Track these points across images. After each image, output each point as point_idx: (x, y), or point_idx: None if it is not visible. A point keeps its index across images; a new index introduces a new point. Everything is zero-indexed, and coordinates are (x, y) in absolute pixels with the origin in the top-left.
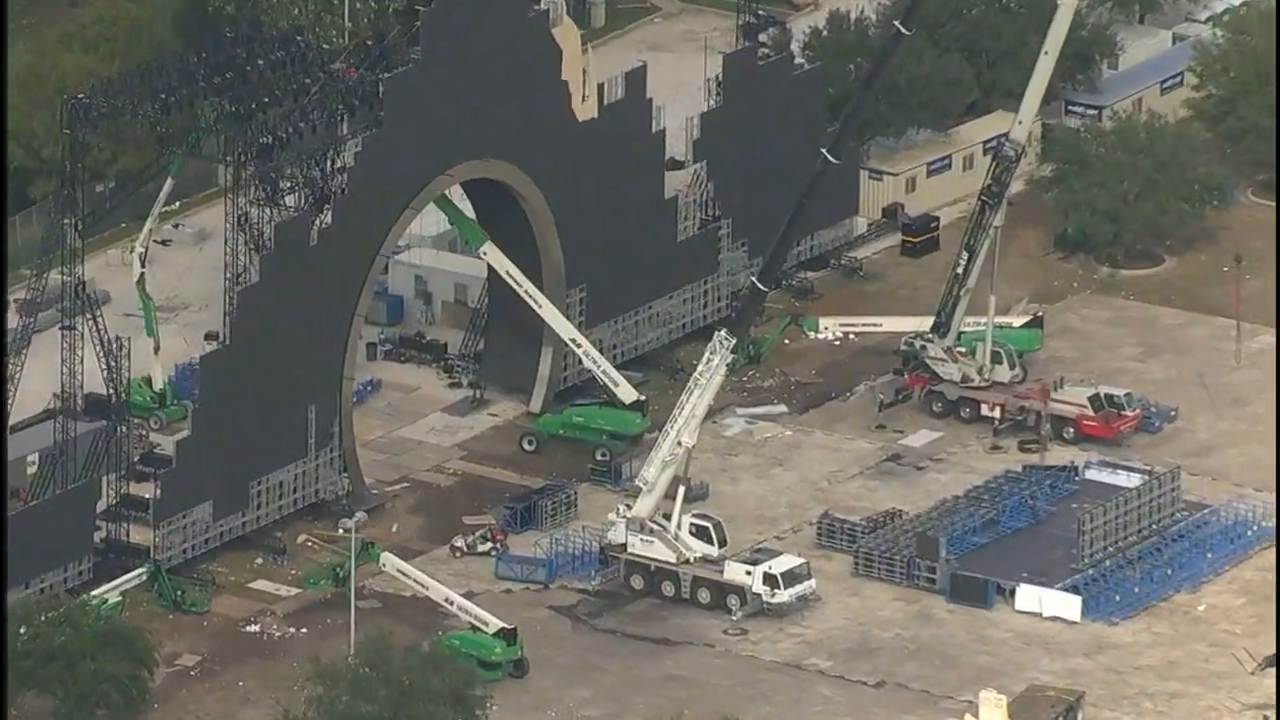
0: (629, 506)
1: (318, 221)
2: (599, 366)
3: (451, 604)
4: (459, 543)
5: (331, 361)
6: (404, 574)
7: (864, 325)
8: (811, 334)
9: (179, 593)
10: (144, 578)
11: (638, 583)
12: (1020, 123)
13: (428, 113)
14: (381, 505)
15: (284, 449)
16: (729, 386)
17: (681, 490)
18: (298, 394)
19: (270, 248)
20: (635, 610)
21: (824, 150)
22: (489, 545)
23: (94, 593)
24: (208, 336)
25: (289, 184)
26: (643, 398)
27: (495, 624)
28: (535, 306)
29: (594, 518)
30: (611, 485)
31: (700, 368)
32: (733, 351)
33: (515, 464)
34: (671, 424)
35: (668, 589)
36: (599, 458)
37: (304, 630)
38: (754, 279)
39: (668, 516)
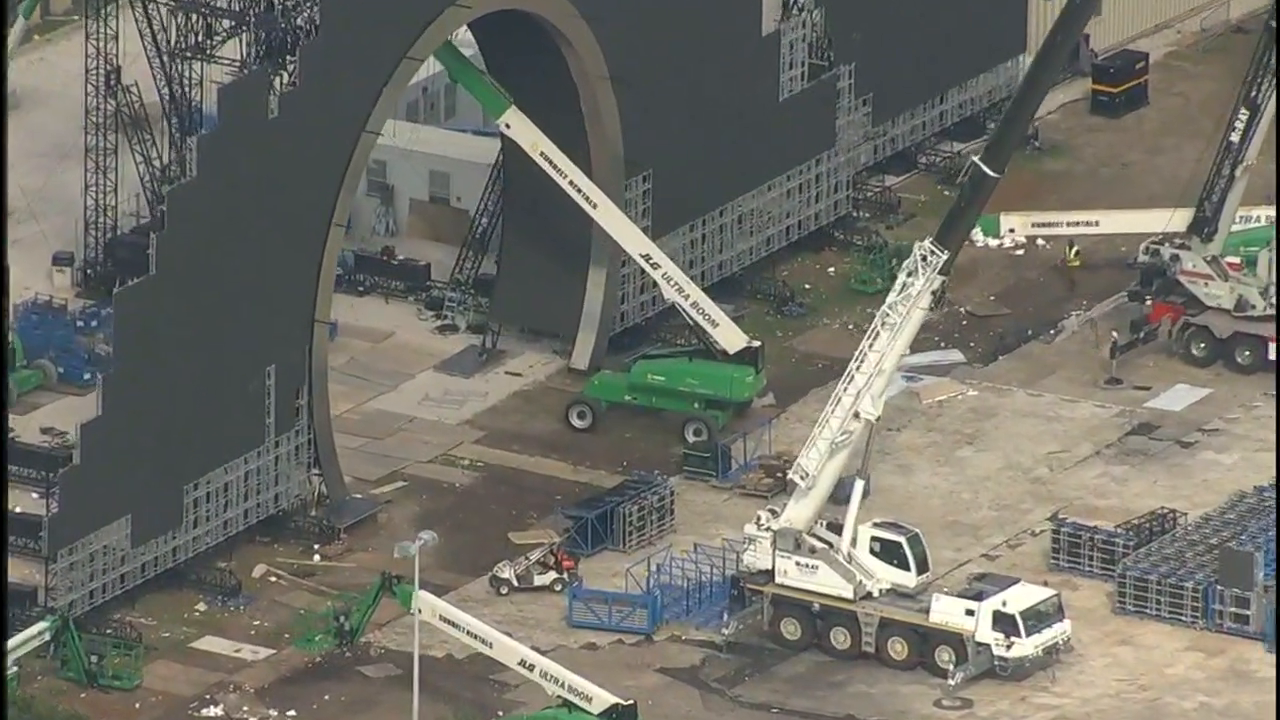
0: (775, 513)
1: (277, 82)
2: (687, 297)
3: (531, 668)
4: (505, 572)
5: (297, 297)
6: (451, 623)
7: (1069, 225)
8: (989, 239)
9: (93, 659)
10: (45, 637)
11: (793, 630)
12: None
13: None
14: (372, 516)
15: (230, 434)
16: (858, 324)
17: (859, 488)
18: (249, 348)
19: (193, 123)
20: (793, 673)
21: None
22: (551, 576)
23: None
24: (57, 260)
25: (225, 25)
26: (756, 342)
27: (603, 698)
28: (586, 204)
29: (697, 530)
30: (716, 480)
31: (892, 297)
32: (943, 272)
33: (562, 449)
34: (845, 383)
35: (840, 638)
36: (693, 437)
37: (292, 714)
38: (976, 160)
39: (836, 528)
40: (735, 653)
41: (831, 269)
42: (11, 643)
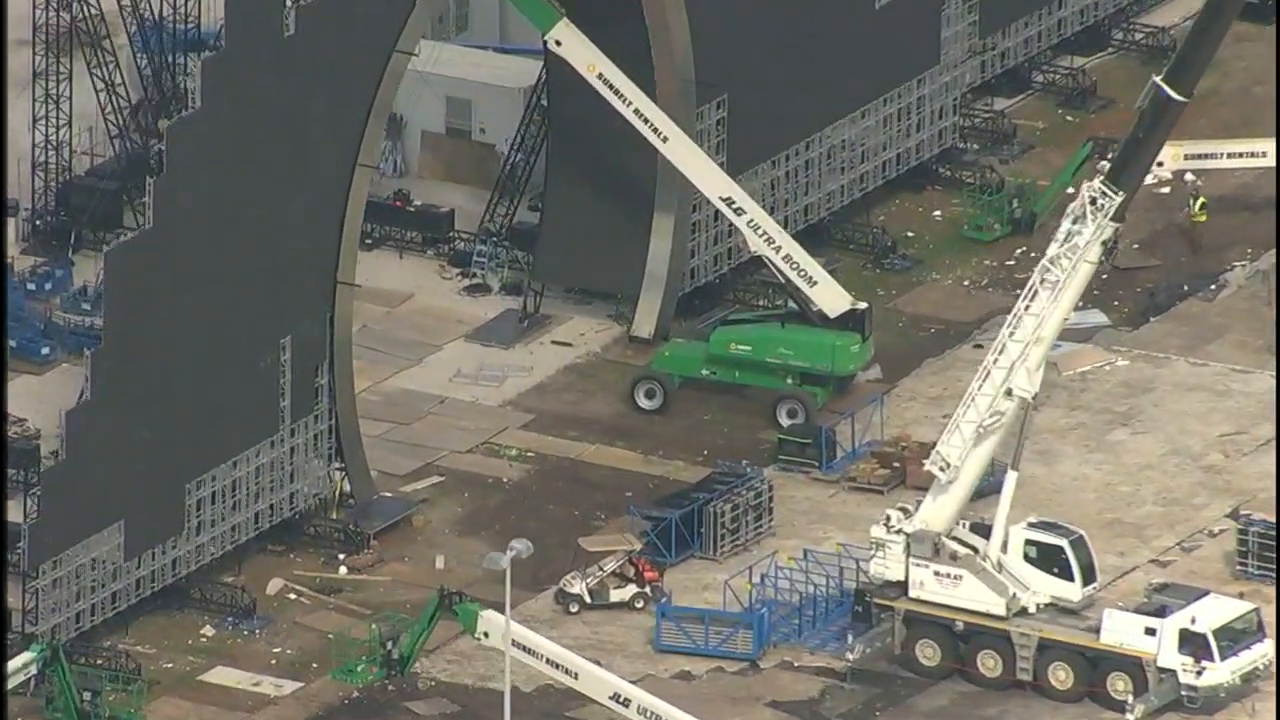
0: (907, 513)
1: None
2: (778, 249)
3: (626, 704)
4: (575, 587)
5: (317, 253)
6: (527, 649)
7: (1230, 156)
8: None
9: (86, 697)
10: (32, 670)
11: (931, 654)
12: None
13: None
14: (406, 519)
15: (240, 422)
16: (974, 279)
17: (1011, 481)
18: (262, 317)
19: (169, 40)
20: (933, 707)
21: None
22: (631, 590)
23: None
24: None
25: None
26: (862, 304)
27: None
28: (653, 137)
29: (801, 533)
30: (819, 471)
31: (1054, 248)
32: (1116, 219)
33: (628, 435)
34: (995, 353)
35: (990, 664)
36: (787, 419)
37: None
38: (1159, 81)
39: (982, 530)
40: (861, 682)
41: (937, 212)
42: None
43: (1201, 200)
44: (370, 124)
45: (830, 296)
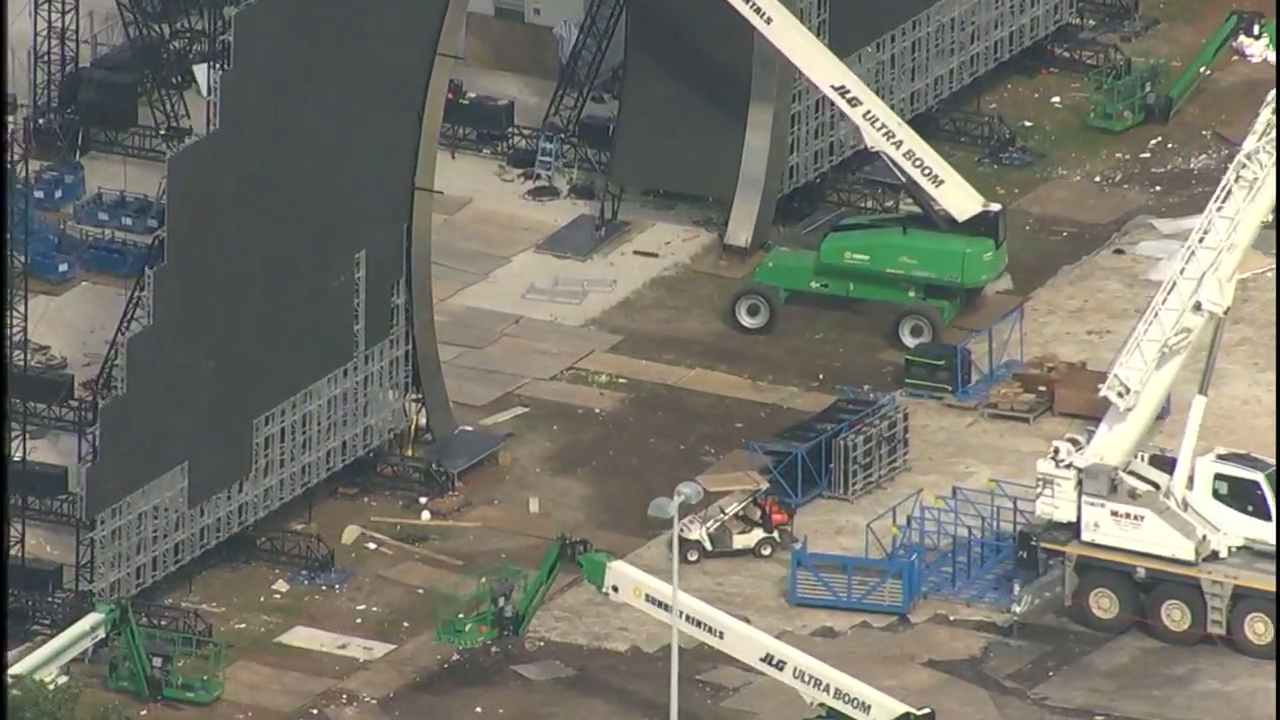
0: (1077, 445)
1: None
2: (899, 144)
3: (780, 666)
4: (693, 531)
5: (393, 154)
6: (661, 604)
7: None
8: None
9: (156, 663)
10: (99, 634)
11: (1107, 605)
12: None
13: None
14: (492, 457)
15: (312, 348)
16: (1106, 174)
17: (1199, 406)
18: (335, 228)
19: None
20: (1114, 665)
21: None
22: (757, 535)
23: (14, 671)
24: None
25: None
26: (995, 206)
27: (886, 707)
28: (755, 18)
29: (939, 468)
30: (954, 397)
31: (1251, 142)
32: None
33: (731, 357)
34: (1183, 261)
35: (1176, 616)
36: (911, 338)
37: None
38: None
39: (1165, 464)
40: (1027, 638)
41: (1056, 99)
42: (55, 644)
43: None
44: (451, 7)
45: (959, 197)
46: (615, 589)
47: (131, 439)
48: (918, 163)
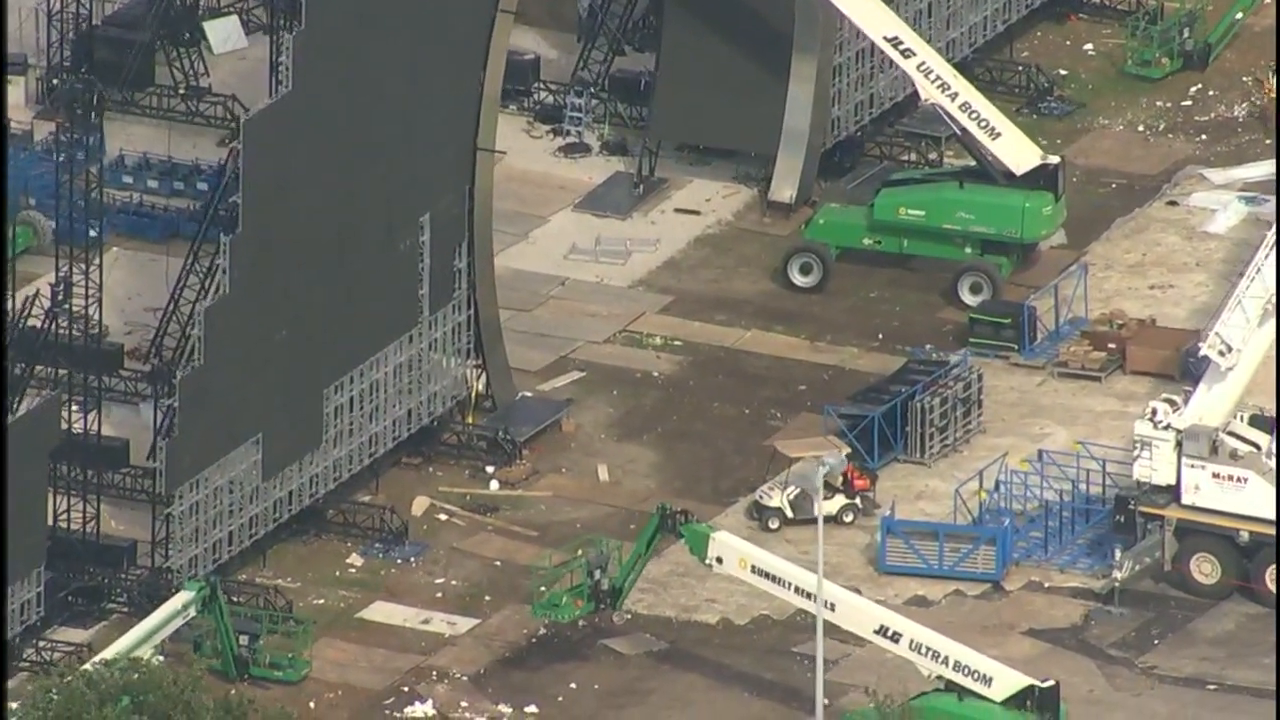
0: (1174, 405)
1: None
2: (954, 96)
3: (896, 639)
4: (774, 499)
5: (458, 114)
6: (768, 575)
7: None
8: None
9: (242, 641)
10: (190, 613)
11: (1209, 570)
12: None
13: None
14: (556, 423)
15: (379, 314)
16: (1149, 123)
17: None
18: (401, 190)
19: None
20: (1221, 632)
21: None
22: (840, 501)
23: (107, 653)
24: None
25: None
26: (1054, 159)
27: (1008, 679)
28: None
29: (1013, 429)
30: (1021, 356)
31: None
32: None
33: (786, 317)
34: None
35: None
36: (970, 296)
37: (532, 710)
38: None
39: (1263, 423)
40: (1128, 604)
41: (1089, 46)
42: (148, 624)
43: None
44: None
45: (1017, 150)
46: (720, 560)
47: (209, 411)
48: (973, 115)
